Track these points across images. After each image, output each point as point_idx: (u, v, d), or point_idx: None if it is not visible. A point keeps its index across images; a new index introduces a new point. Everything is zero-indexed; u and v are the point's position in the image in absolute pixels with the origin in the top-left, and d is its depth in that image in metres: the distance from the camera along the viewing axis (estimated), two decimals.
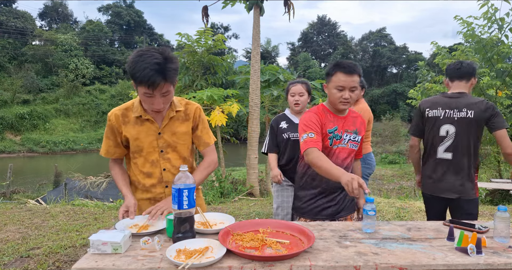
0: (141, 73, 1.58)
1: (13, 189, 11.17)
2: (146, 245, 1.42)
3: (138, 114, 1.81)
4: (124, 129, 1.83)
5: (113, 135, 1.87)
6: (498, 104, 8.10)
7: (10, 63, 33.19)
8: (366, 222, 1.67)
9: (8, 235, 4.07)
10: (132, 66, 1.62)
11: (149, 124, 1.83)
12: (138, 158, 1.87)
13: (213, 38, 8.96)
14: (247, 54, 45.98)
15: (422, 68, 10.19)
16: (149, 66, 1.58)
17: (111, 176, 1.95)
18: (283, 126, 2.91)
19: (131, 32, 44.23)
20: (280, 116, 3.02)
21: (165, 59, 1.61)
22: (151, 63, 1.58)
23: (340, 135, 2.07)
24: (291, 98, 2.91)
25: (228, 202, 7.20)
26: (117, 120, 1.83)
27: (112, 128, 1.86)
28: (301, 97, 2.88)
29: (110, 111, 1.88)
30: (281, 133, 2.90)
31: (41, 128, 29.15)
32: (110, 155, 1.90)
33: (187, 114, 1.90)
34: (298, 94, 2.87)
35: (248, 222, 1.66)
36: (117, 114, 1.84)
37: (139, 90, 1.67)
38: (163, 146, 1.85)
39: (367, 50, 53.10)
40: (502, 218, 1.54)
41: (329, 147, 2.06)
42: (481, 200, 6.50)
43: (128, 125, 1.83)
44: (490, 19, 7.36)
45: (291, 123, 2.91)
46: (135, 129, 1.83)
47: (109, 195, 9.21)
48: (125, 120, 1.84)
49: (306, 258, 1.34)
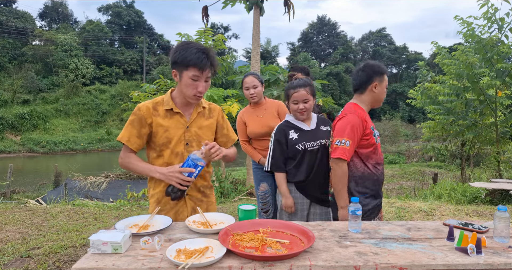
0: (193, 56, 1.77)
1: (13, 189, 11.17)
2: (146, 245, 1.42)
3: (169, 107, 1.92)
4: (155, 121, 1.91)
5: (140, 125, 1.90)
6: (498, 104, 8.11)
7: (10, 63, 33.21)
8: (352, 222, 1.67)
9: (8, 235, 4.08)
10: (181, 52, 1.80)
11: (179, 118, 1.94)
12: (165, 150, 1.93)
13: (213, 38, 8.96)
14: (247, 54, 45.99)
15: (422, 68, 10.20)
16: (199, 50, 1.79)
17: (125, 165, 1.92)
18: (293, 137, 2.45)
19: (131, 32, 44.23)
20: (285, 126, 2.53)
21: (207, 48, 1.83)
22: (200, 48, 1.80)
23: (376, 132, 2.25)
24: (294, 106, 2.48)
25: (228, 202, 7.20)
26: (148, 112, 1.91)
27: (140, 119, 1.90)
28: (305, 104, 2.44)
29: (141, 103, 1.95)
30: (293, 146, 2.44)
31: (41, 128, 29.16)
32: (131, 144, 1.90)
33: (211, 112, 2.05)
34: (302, 102, 2.43)
35: (248, 222, 1.67)
36: (148, 106, 1.92)
37: (186, 75, 1.81)
38: (189, 139, 1.95)
39: (367, 50, 53.14)
40: (502, 218, 1.54)
41: (375, 144, 2.18)
42: (481, 200, 6.50)
43: (158, 118, 1.92)
44: (490, 19, 7.37)
45: (302, 132, 2.47)
46: (165, 121, 1.92)
47: (109, 195, 9.22)
48: (155, 113, 1.92)
49: (306, 258, 1.34)
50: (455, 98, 8.45)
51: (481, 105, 8.24)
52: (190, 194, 2.00)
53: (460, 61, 7.88)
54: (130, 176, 11.63)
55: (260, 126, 3.14)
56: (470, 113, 8.65)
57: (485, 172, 9.93)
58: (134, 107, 8.09)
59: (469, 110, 8.62)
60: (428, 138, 10.79)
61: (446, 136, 9.69)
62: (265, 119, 3.17)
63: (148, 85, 8.24)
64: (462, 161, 10.66)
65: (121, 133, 1.92)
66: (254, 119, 3.20)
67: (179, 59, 1.79)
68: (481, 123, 8.58)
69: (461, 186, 7.32)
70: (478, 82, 7.86)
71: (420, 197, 7.22)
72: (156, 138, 1.92)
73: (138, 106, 1.94)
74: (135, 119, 1.90)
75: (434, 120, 9.35)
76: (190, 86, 1.82)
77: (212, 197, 2.11)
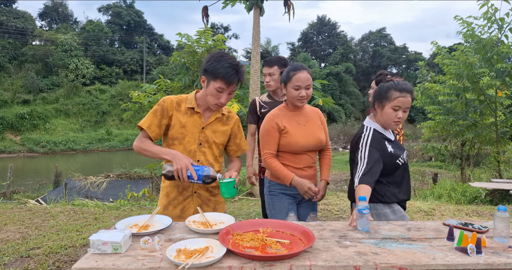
0: (224, 70, 1.85)
1: (13, 189, 11.17)
2: (146, 245, 1.43)
3: (191, 106, 2.01)
4: (175, 115, 2.00)
5: (162, 115, 1.98)
6: (498, 104, 8.12)
7: (10, 63, 33.20)
8: (361, 221, 1.67)
9: (8, 235, 4.08)
10: (214, 64, 1.87)
11: (197, 118, 2.02)
12: (178, 145, 2.00)
13: (213, 38, 8.96)
14: (247, 54, 45.98)
15: (422, 68, 10.20)
16: (230, 65, 1.86)
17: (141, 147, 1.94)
18: (390, 149, 2.09)
19: (131, 32, 44.22)
20: (378, 134, 2.10)
21: (238, 64, 1.90)
22: (232, 63, 1.87)
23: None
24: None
25: (228, 202, 7.20)
26: (171, 105, 2.00)
27: (163, 110, 1.98)
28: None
29: (166, 96, 2.04)
30: (394, 160, 2.09)
31: (41, 128, 29.15)
32: (150, 130, 1.95)
33: (228, 120, 2.12)
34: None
35: (248, 222, 1.67)
36: (173, 100, 2.01)
37: (212, 85, 1.89)
38: (202, 139, 2.02)
39: (367, 50, 53.13)
40: (502, 218, 1.54)
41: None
42: (481, 200, 6.50)
43: (179, 113, 2.01)
44: (490, 19, 7.37)
45: (392, 143, 2.17)
46: (185, 118, 2.01)
47: (109, 195, 9.22)
48: (178, 108, 2.01)
49: (306, 258, 1.34)
50: (455, 98, 8.45)
51: (481, 105, 8.24)
52: (199, 192, 2.03)
53: (460, 61, 7.88)
54: (130, 176, 11.63)
55: (305, 137, 2.31)
56: (470, 113, 8.65)
57: (485, 172, 9.92)
58: (134, 108, 8.04)
59: (469, 110, 8.62)
60: (428, 137, 10.79)
61: (446, 136, 9.69)
62: (310, 128, 2.39)
63: (148, 85, 8.24)
64: (462, 161, 10.66)
65: (143, 120, 1.97)
66: (296, 127, 2.33)
67: (210, 69, 1.88)
68: (481, 123, 8.58)
69: (461, 186, 7.32)
70: (478, 82, 7.86)
71: (420, 197, 7.22)
72: (172, 131, 2.00)
73: (163, 98, 2.02)
74: (158, 109, 1.97)
75: (434, 120, 9.35)
76: (214, 96, 1.91)
77: (219, 196, 2.12)
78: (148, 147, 1.93)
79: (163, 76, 8.44)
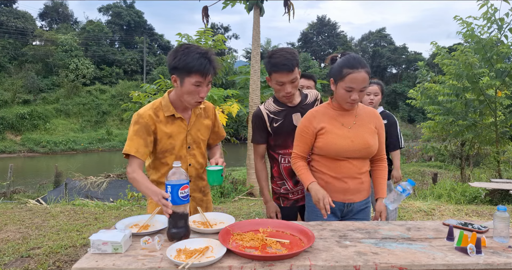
0: (196, 61, 1.71)
1: (14, 189, 11.18)
2: (146, 245, 1.43)
3: (170, 113, 1.88)
4: (158, 127, 1.87)
5: (146, 133, 1.83)
6: (498, 104, 8.12)
7: (11, 63, 33.19)
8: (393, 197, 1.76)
9: (9, 235, 4.08)
10: (183, 58, 1.72)
11: (180, 123, 1.92)
12: (169, 157, 1.92)
13: (213, 38, 8.96)
14: (247, 55, 45.96)
15: (421, 68, 10.19)
16: (201, 55, 1.72)
17: (133, 182, 1.78)
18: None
19: (131, 33, 44.20)
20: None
21: (208, 51, 1.77)
22: (201, 52, 1.73)
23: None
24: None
25: (228, 202, 7.20)
26: (151, 119, 1.85)
27: (145, 127, 1.83)
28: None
29: (141, 111, 1.86)
30: None
31: (41, 128, 29.14)
32: (140, 154, 1.80)
33: (207, 112, 2.05)
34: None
35: (248, 222, 1.67)
36: (151, 114, 1.86)
37: (188, 81, 1.75)
38: (190, 142, 1.96)
39: (367, 51, 53.08)
40: (501, 218, 1.54)
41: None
42: (480, 200, 6.50)
43: (160, 125, 1.88)
44: (489, 19, 7.37)
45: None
46: (168, 128, 1.89)
47: (109, 195, 9.21)
48: (158, 120, 1.88)
49: (306, 258, 1.34)
50: (454, 98, 8.45)
51: (481, 105, 8.25)
52: (193, 195, 2.01)
53: (460, 61, 7.88)
54: None
55: (348, 139, 1.90)
56: (470, 113, 8.65)
57: (484, 172, 9.92)
58: (134, 107, 8.00)
59: (469, 110, 8.62)
60: (428, 138, 10.80)
61: (446, 136, 9.70)
62: (357, 130, 1.93)
63: (148, 85, 8.24)
64: (461, 161, 10.67)
65: (127, 145, 1.80)
66: (337, 127, 1.93)
67: (180, 65, 1.72)
68: (480, 123, 8.58)
69: (460, 186, 7.32)
70: (478, 82, 7.86)
71: (419, 197, 7.22)
72: (160, 145, 1.89)
73: (139, 114, 1.84)
74: (140, 129, 1.82)
75: (434, 120, 9.36)
76: (193, 93, 1.78)
77: (209, 195, 2.15)
78: (137, 184, 1.76)
79: (163, 76, 8.44)
